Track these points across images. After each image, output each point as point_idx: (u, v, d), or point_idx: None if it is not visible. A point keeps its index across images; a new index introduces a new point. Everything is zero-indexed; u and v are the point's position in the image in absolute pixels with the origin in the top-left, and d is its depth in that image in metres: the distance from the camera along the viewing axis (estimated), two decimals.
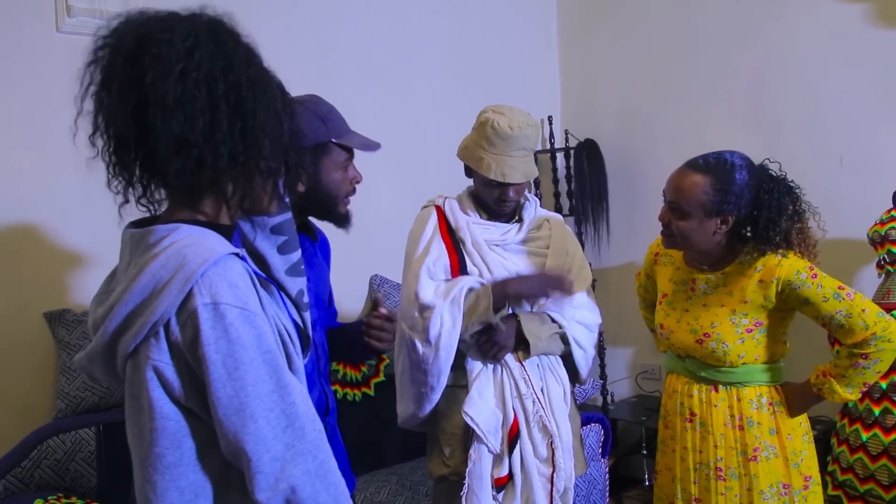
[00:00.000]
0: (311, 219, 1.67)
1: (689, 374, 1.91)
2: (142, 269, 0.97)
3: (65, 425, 2.16)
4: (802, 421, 1.87)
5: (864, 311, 1.70)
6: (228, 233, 1.08)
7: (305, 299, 1.36)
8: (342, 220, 1.63)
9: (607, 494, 2.94)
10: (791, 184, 1.80)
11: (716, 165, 1.75)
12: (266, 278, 1.09)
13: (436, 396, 1.85)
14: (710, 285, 1.86)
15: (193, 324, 0.95)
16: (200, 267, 0.95)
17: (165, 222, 1.03)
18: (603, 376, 3.53)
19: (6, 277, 2.32)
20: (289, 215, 1.32)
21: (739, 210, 1.75)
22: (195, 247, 0.98)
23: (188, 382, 0.98)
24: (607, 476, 2.94)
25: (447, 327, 1.79)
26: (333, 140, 1.57)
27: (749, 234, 1.80)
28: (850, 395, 1.77)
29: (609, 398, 3.52)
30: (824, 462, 2.57)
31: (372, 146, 1.62)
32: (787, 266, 1.74)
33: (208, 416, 0.99)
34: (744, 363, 1.81)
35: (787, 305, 1.79)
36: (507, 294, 1.83)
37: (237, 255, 1.02)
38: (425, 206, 2.04)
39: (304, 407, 1.03)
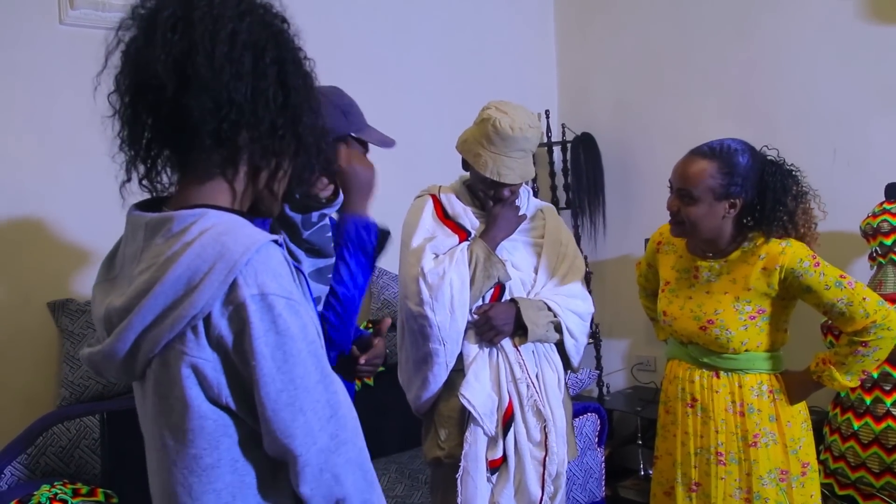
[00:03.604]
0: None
1: (692, 360, 1.94)
2: (172, 259, 0.90)
3: (70, 413, 2.19)
4: (801, 409, 1.91)
5: (864, 299, 1.74)
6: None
7: (318, 307, 1.38)
8: None
9: (603, 483, 2.99)
10: (791, 167, 1.86)
11: (720, 151, 1.80)
12: (297, 267, 1.04)
13: (453, 362, 1.88)
14: (714, 273, 1.89)
15: (240, 316, 0.89)
16: (244, 256, 0.89)
17: (180, 206, 0.96)
18: (599, 367, 3.57)
19: (10, 268, 2.35)
20: (321, 224, 1.33)
21: (746, 192, 1.79)
22: (234, 234, 0.91)
23: (228, 379, 0.93)
24: (603, 465, 2.98)
25: (457, 286, 1.84)
26: (353, 134, 1.59)
27: (754, 220, 1.85)
28: (849, 382, 1.80)
29: (605, 389, 3.55)
30: (817, 451, 2.61)
31: (388, 143, 1.66)
32: (791, 254, 1.78)
33: (246, 414, 0.95)
34: (746, 350, 1.85)
35: (790, 294, 1.82)
36: (495, 240, 1.91)
37: (276, 241, 0.96)
38: (419, 196, 2.06)
39: (344, 395, 1.00)
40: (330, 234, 1.37)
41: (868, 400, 2.39)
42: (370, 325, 2.91)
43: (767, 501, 1.83)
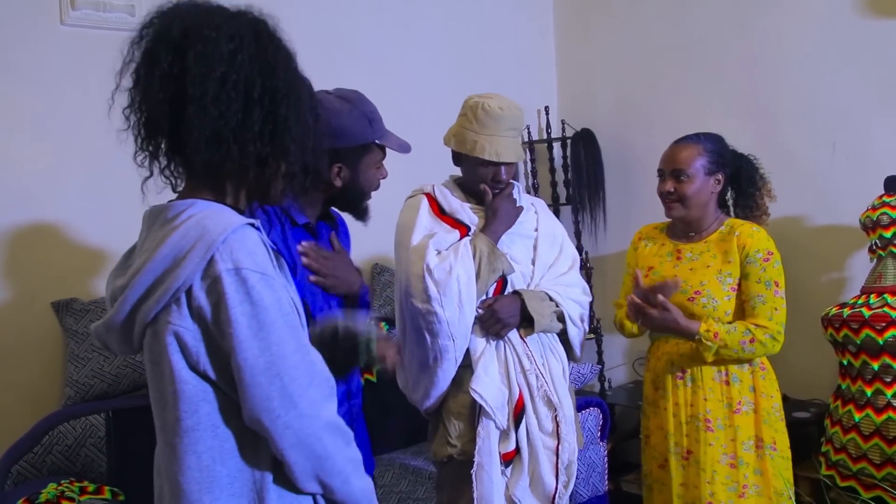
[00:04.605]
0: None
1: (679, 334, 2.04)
2: (162, 240, 1.01)
3: (75, 412, 2.19)
4: (775, 392, 2.07)
5: (776, 309, 1.98)
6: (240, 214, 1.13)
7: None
8: (364, 214, 1.71)
9: (606, 478, 3.00)
10: (750, 156, 2.18)
11: (702, 137, 2.10)
12: (278, 250, 1.14)
13: (461, 355, 1.89)
14: (695, 252, 2.09)
15: (217, 289, 0.99)
16: (220, 235, 0.99)
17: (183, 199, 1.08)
18: (600, 362, 3.58)
19: (14, 268, 2.35)
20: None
21: (725, 170, 2.09)
22: (214, 217, 1.02)
23: (207, 348, 1.02)
24: (606, 459, 3.00)
25: (464, 281, 1.84)
26: (377, 141, 1.64)
27: (733, 197, 2.18)
28: (708, 357, 1.96)
29: (606, 384, 3.57)
30: (818, 443, 2.63)
31: (406, 147, 1.71)
32: (756, 240, 2.01)
33: (225, 384, 1.04)
34: (729, 322, 1.99)
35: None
36: (497, 233, 1.93)
37: (253, 225, 1.07)
38: (411, 196, 2.05)
39: (321, 365, 1.09)
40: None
41: (869, 392, 2.40)
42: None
43: (748, 466, 1.99)
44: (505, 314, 1.88)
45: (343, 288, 1.65)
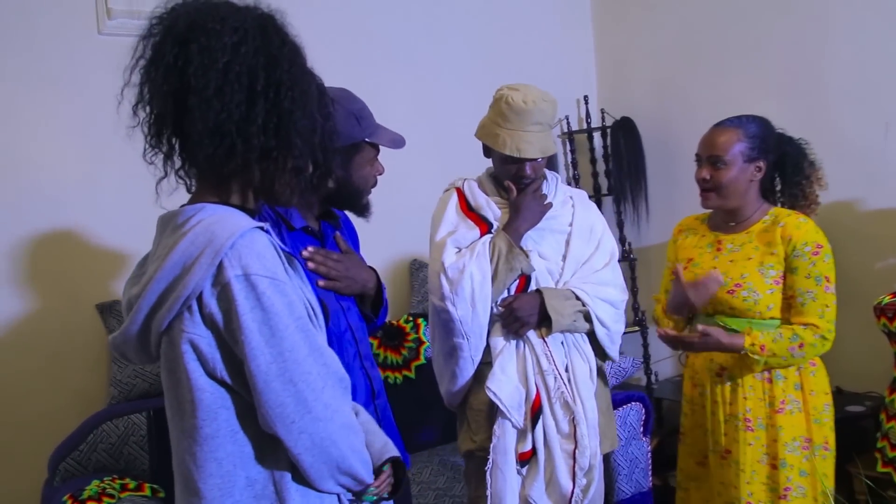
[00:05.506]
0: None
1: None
2: (171, 247, 1.01)
3: (118, 411, 2.26)
4: (825, 387, 1.97)
5: (827, 307, 1.87)
6: (251, 215, 1.12)
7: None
8: (364, 211, 1.70)
9: (650, 473, 2.93)
10: (800, 140, 2.03)
11: (744, 121, 1.97)
12: (290, 252, 1.12)
13: (478, 356, 1.87)
14: (737, 244, 1.99)
15: (227, 296, 0.99)
16: (228, 240, 0.99)
17: (192, 204, 1.08)
18: (646, 355, 3.50)
19: (60, 272, 2.44)
20: None
21: (768, 157, 1.96)
22: (222, 223, 1.01)
23: (222, 354, 1.02)
24: (650, 455, 2.93)
25: (478, 280, 1.82)
26: (367, 139, 1.62)
27: (779, 184, 2.04)
28: (757, 369, 1.90)
29: (653, 377, 3.49)
30: (873, 438, 2.51)
31: (399, 142, 1.68)
32: (804, 232, 1.89)
33: (242, 388, 1.03)
34: (771, 317, 1.91)
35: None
36: (519, 231, 1.88)
37: (262, 228, 1.06)
38: (446, 190, 2.05)
39: (336, 366, 1.09)
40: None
41: None
42: (409, 318, 2.93)
43: (792, 468, 1.90)
44: (523, 313, 1.85)
45: (357, 288, 1.64)
